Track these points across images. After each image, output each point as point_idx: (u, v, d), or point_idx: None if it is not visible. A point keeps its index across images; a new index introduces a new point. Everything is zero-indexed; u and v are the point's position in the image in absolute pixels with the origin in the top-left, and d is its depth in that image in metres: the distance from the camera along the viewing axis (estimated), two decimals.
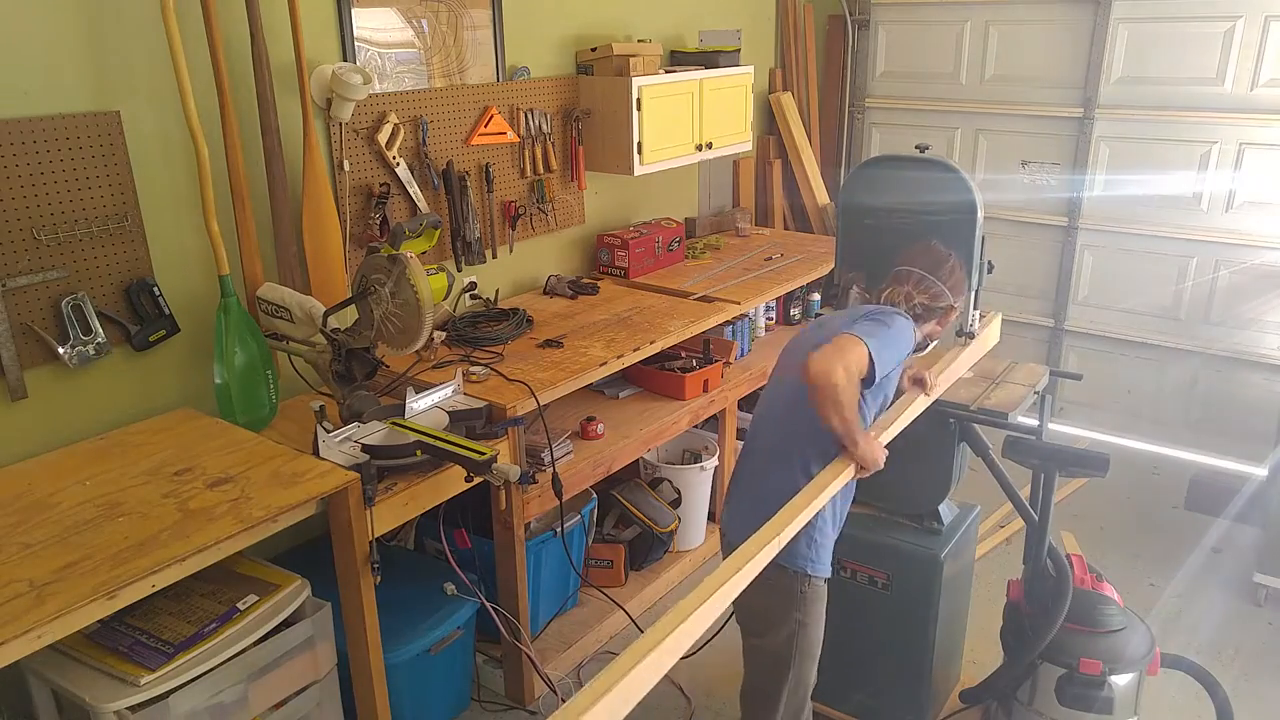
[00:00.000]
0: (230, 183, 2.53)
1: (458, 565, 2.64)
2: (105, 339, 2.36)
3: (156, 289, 2.46)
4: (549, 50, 3.54)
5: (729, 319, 3.54)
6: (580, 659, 3.07)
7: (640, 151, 3.53)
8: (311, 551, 2.68)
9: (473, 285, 3.30)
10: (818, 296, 4.33)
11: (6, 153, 2.16)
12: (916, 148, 2.46)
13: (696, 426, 3.47)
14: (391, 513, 2.24)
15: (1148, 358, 4.41)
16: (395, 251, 2.45)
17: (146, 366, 2.51)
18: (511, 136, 3.38)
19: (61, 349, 2.29)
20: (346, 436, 2.31)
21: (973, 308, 2.48)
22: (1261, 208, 3.97)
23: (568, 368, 2.82)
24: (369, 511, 2.14)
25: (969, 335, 2.51)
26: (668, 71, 3.76)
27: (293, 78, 2.66)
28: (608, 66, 3.55)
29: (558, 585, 3.13)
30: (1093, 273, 4.46)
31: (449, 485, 2.36)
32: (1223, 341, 4.18)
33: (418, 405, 2.48)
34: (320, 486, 2.08)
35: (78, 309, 2.31)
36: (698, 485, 3.55)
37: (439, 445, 2.23)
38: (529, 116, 3.46)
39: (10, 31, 2.14)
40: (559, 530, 2.97)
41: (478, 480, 2.29)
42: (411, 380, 2.74)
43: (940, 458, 2.48)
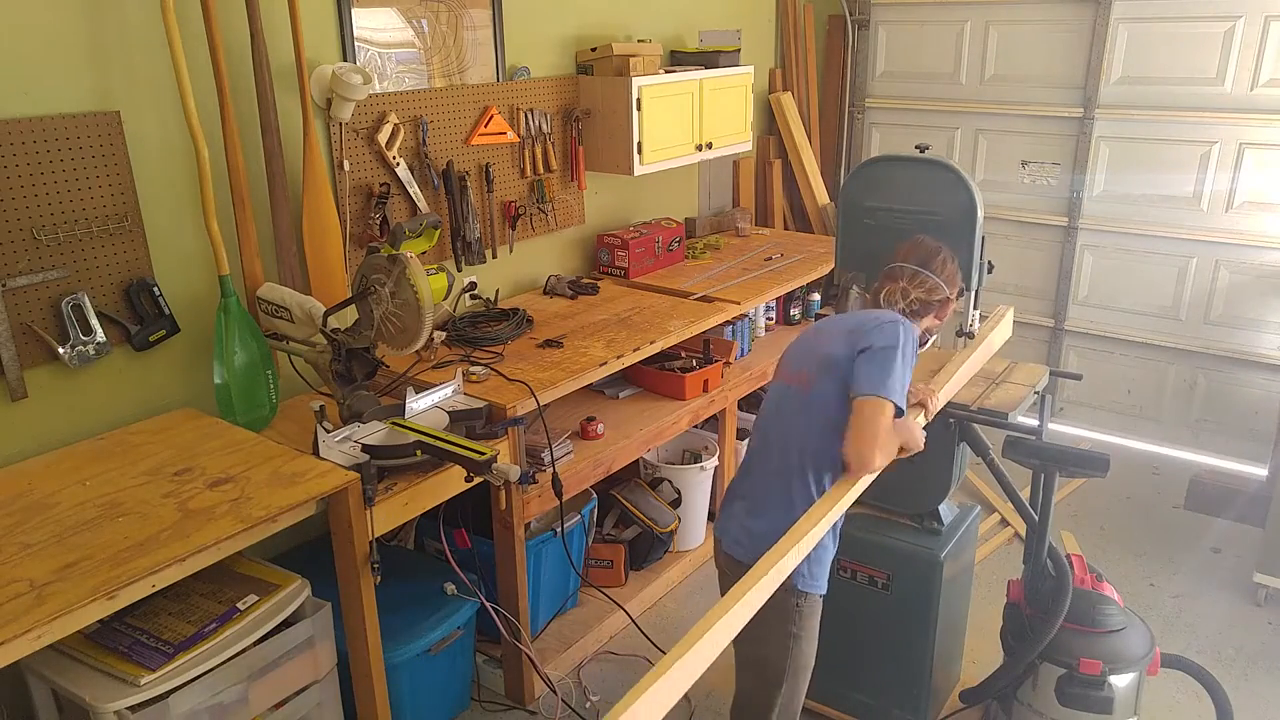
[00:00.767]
0: (230, 183, 2.53)
1: (458, 565, 2.64)
2: (105, 339, 2.36)
3: (156, 289, 2.46)
4: (549, 50, 3.54)
5: (729, 319, 3.54)
6: (580, 659, 3.07)
7: (640, 151, 3.53)
8: (311, 551, 2.68)
9: (473, 285, 3.30)
10: (818, 296, 4.33)
11: (6, 153, 2.16)
12: (916, 148, 2.46)
13: (696, 426, 3.47)
14: (391, 513, 2.24)
15: (1148, 358, 4.41)
16: (395, 251, 2.45)
17: (146, 366, 2.51)
18: (511, 136, 3.38)
19: (61, 349, 2.29)
20: (346, 436, 2.31)
21: (973, 308, 2.48)
22: (1261, 208, 3.97)
23: (568, 368, 2.82)
24: (369, 511, 2.14)
25: (969, 335, 2.51)
26: (668, 71, 3.76)
27: (293, 78, 2.66)
28: (608, 66, 3.55)
29: (558, 585, 3.13)
30: (1093, 273, 4.47)
31: (449, 485, 2.36)
32: (1223, 341, 4.18)
33: (418, 405, 2.48)
34: (320, 486, 2.08)
35: (78, 309, 2.31)
36: (698, 485, 3.55)
37: (439, 445, 2.23)
38: (529, 116, 3.46)
39: (10, 31, 2.14)
40: (559, 530, 2.97)
41: (478, 480, 2.29)
42: (411, 380, 2.74)
43: (940, 458, 2.49)
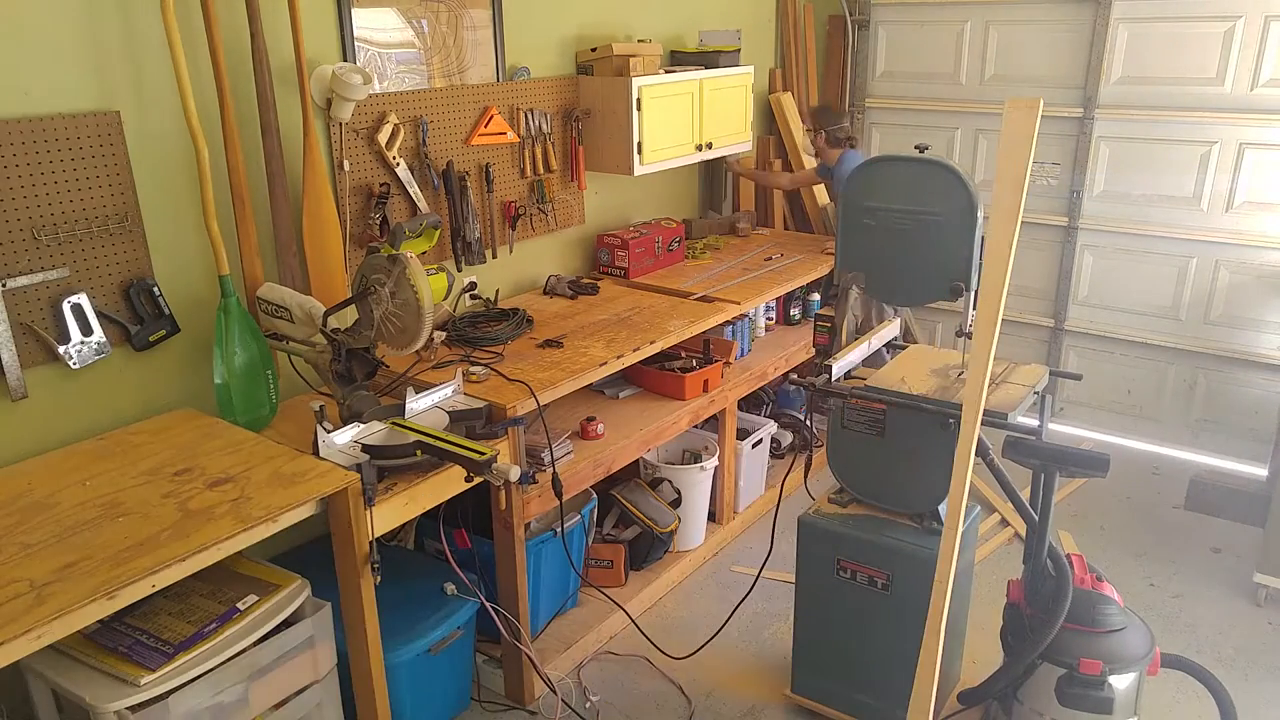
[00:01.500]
0: (230, 183, 2.54)
1: (458, 565, 2.64)
2: (105, 339, 2.36)
3: (156, 289, 2.46)
4: (549, 50, 3.54)
5: (729, 319, 3.54)
6: (580, 659, 3.07)
7: (640, 151, 3.53)
8: (311, 551, 2.68)
9: (473, 285, 3.30)
10: (818, 296, 4.33)
11: (7, 153, 2.16)
12: (916, 147, 2.46)
13: (696, 426, 3.47)
14: (391, 513, 2.24)
15: (1148, 358, 4.41)
16: (395, 251, 2.45)
17: (146, 366, 2.51)
18: (511, 136, 3.38)
19: (61, 349, 2.29)
20: (346, 436, 2.31)
21: (973, 308, 2.48)
22: (1261, 208, 3.97)
23: (568, 368, 2.82)
24: (369, 511, 2.14)
25: (969, 335, 2.51)
26: (668, 71, 3.76)
27: (293, 78, 2.66)
28: (608, 66, 3.55)
29: (558, 585, 3.13)
30: (1093, 273, 4.47)
31: (449, 485, 2.36)
32: (1223, 341, 4.18)
33: (418, 405, 2.48)
34: (320, 486, 2.08)
35: (78, 309, 2.31)
36: (698, 485, 3.55)
37: (439, 445, 2.23)
38: (529, 116, 3.46)
39: (10, 31, 2.14)
40: (559, 530, 2.97)
41: (478, 480, 2.29)
42: (411, 380, 2.74)
43: (940, 458, 2.49)
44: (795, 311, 4.29)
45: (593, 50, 3.59)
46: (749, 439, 3.76)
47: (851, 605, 2.62)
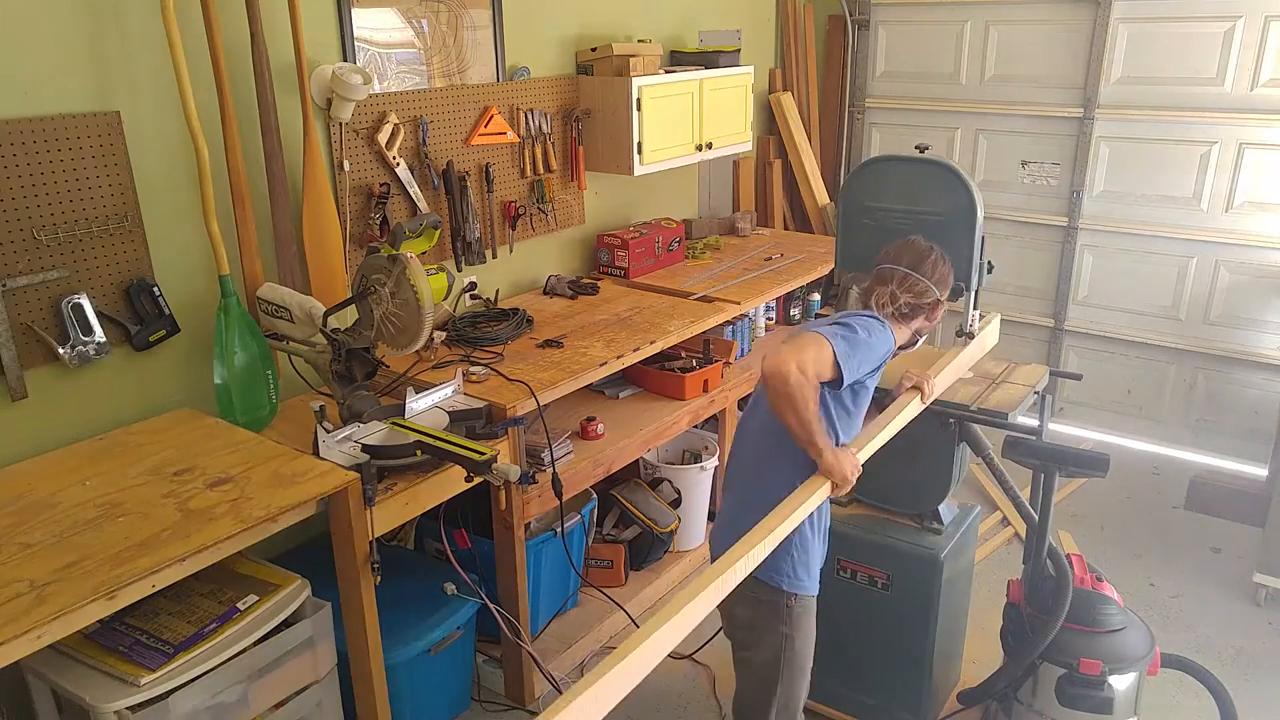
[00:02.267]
0: (230, 183, 2.53)
1: (458, 565, 2.64)
2: (105, 339, 2.36)
3: (156, 289, 2.46)
4: (549, 50, 3.54)
5: (729, 319, 3.54)
6: (580, 659, 3.07)
7: (640, 151, 3.53)
8: (311, 551, 2.68)
9: (473, 285, 3.30)
10: (818, 296, 4.33)
11: (6, 153, 2.16)
12: (916, 148, 2.46)
13: (696, 426, 3.47)
14: (391, 513, 2.24)
15: (1148, 358, 4.41)
16: (395, 251, 2.45)
17: (146, 366, 2.51)
18: (511, 136, 3.38)
19: (61, 349, 2.29)
20: (346, 436, 2.31)
21: (973, 308, 2.48)
22: (1261, 208, 3.97)
23: (568, 368, 2.82)
24: (369, 511, 2.14)
25: (969, 335, 2.51)
26: (668, 71, 3.76)
27: (293, 78, 2.66)
28: (608, 66, 3.55)
29: (558, 585, 3.13)
30: (1093, 273, 4.47)
31: (449, 485, 2.36)
32: (1223, 341, 4.18)
33: (418, 405, 2.48)
34: (320, 486, 2.08)
35: (78, 309, 2.31)
36: (698, 485, 3.55)
37: (439, 445, 2.23)
38: (529, 116, 3.46)
39: (10, 31, 2.14)
40: (559, 530, 2.97)
41: (478, 480, 2.29)
42: (411, 380, 2.74)
43: (940, 458, 2.49)
44: (795, 311, 4.29)
45: (593, 50, 3.59)
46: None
47: (851, 605, 2.62)
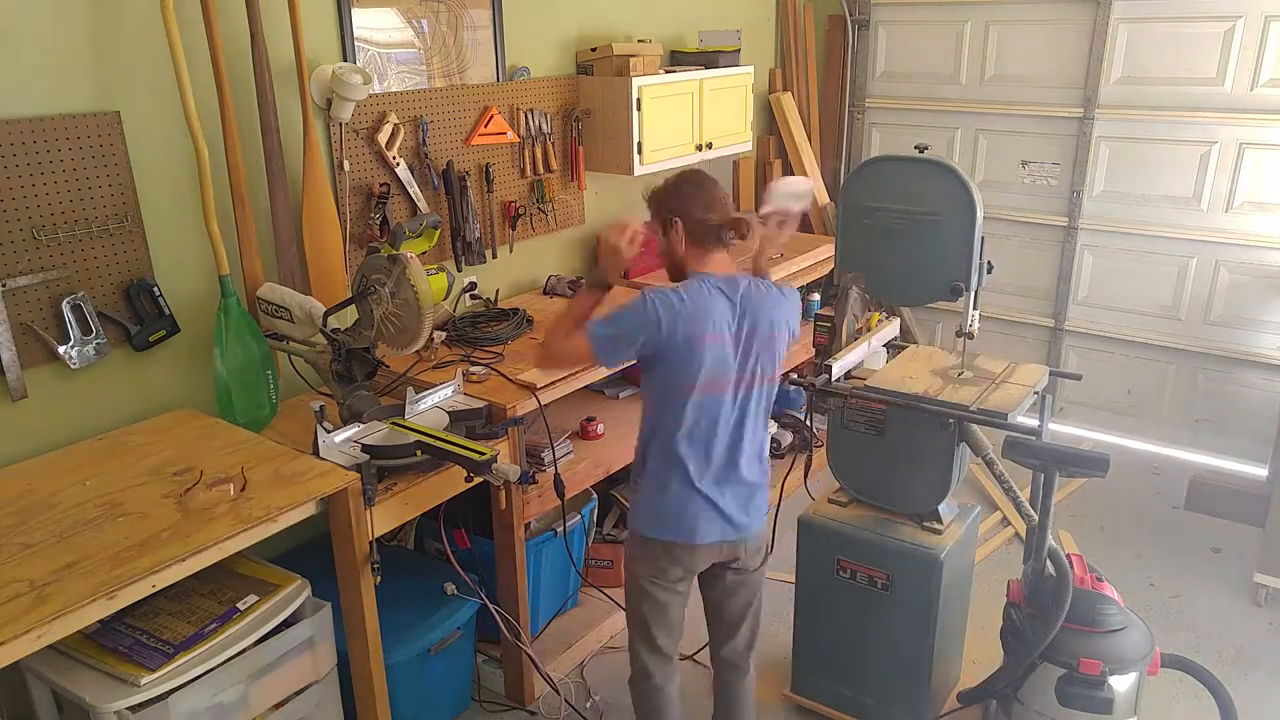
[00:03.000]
0: (230, 183, 2.53)
1: (458, 565, 2.64)
2: (105, 339, 2.36)
3: (156, 289, 2.46)
4: (549, 50, 3.54)
5: None
6: (581, 659, 3.07)
7: (640, 151, 3.53)
8: (311, 551, 2.68)
9: (473, 285, 3.30)
10: (817, 296, 4.32)
11: (6, 153, 2.16)
12: (916, 148, 2.46)
13: None
14: (391, 513, 2.24)
15: (1148, 358, 4.41)
16: (395, 251, 2.45)
17: (146, 366, 2.51)
18: (511, 136, 3.38)
19: (61, 349, 2.29)
20: (346, 436, 2.31)
21: (973, 308, 2.48)
22: (1261, 208, 3.97)
23: None
24: (369, 511, 2.14)
25: (969, 335, 2.51)
26: (668, 71, 3.76)
27: (293, 78, 2.66)
28: (608, 66, 3.55)
29: (558, 585, 3.13)
30: (1093, 273, 4.47)
31: (449, 485, 2.36)
32: (1223, 341, 4.18)
33: (418, 405, 2.48)
34: (320, 486, 2.08)
35: (78, 309, 2.31)
36: None
37: (439, 445, 2.23)
38: (529, 116, 3.46)
39: (11, 31, 2.14)
40: (559, 530, 2.97)
41: (478, 480, 2.29)
42: (411, 380, 2.74)
43: (940, 458, 2.49)
44: None
45: (593, 50, 3.59)
46: None
47: (851, 605, 2.62)
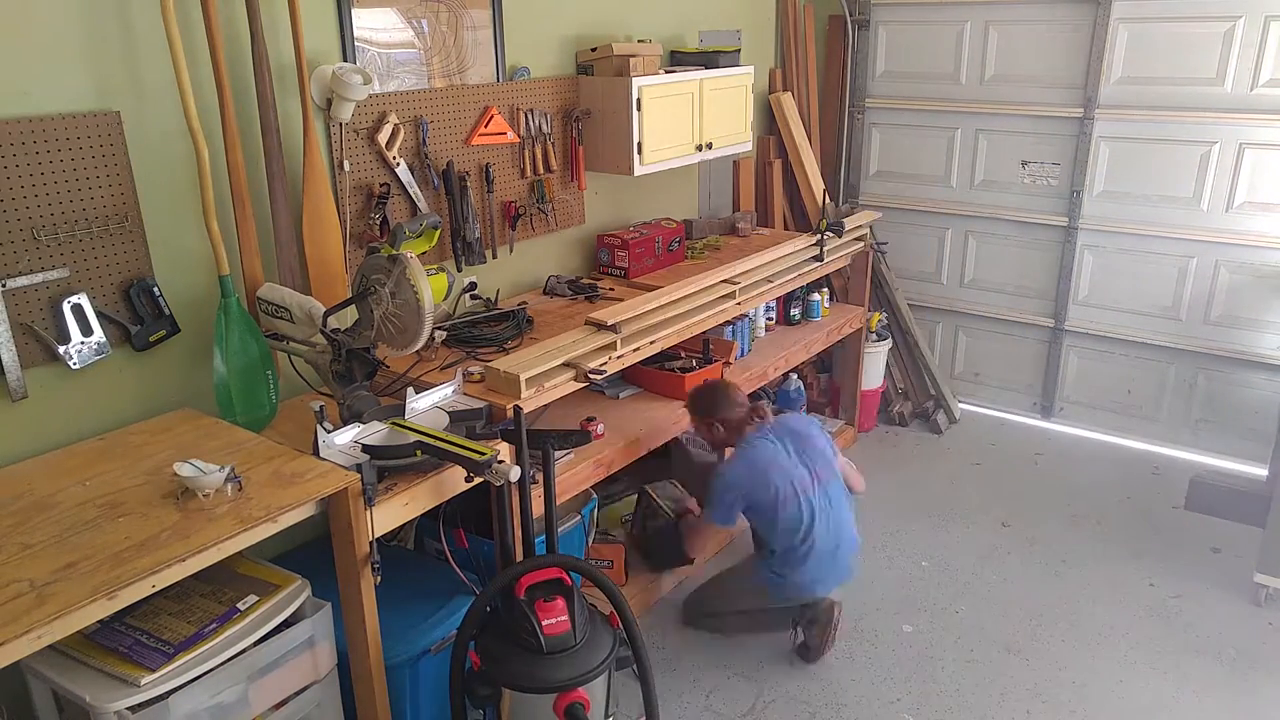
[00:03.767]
0: (230, 183, 2.53)
1: (457, 566, 2.64)
2: (105, 339, 2.36)
3: (156, 289, 2.46)
4: (549, 50, 3.54)
5: (729, 319, 3.54)
6: None
7: (640, 151, 3.53)
8: (311, 551, 2.68)
9: (473, 285, 3.30)
10: (817, 297, 4.33)
11: (6, 153, 2.16)
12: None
13: None
14: (391, 513, 2.24)
15: (1148, 358, 4.41)
16: (395, 251, 2.45)
17: (146, 366, 2.51)
18: (511, 137, 3.38)
19: (61, 349, 2.29)
20: (347, 436, 2.31)
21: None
22: (1261, 208, 3.97)
23: None
24: (369, 511, 2.14)
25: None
26: (668, 71, 3.76)
27: (293, 78, 2.66)
28: (608, 66, 3.55)
29: None
30: (1093, 273, 4.47)
31: (449, 485, 2.36)
32: (1223, 341, 4.18)
33: (418, 405, 2.48)
34: (320, 486, 2.08)
35: (78, 309, 2.30)
36: None
37: (439, 445, 2.23)
38: (529, 116, 3.46)
39: (10, 31, 2.14)
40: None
41: (478, 480, 2.29)
42: (411, 380, 2.74)
43: None
44: (795, 311, 4.29)
45: (593, 50, 3.59)
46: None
47: None
